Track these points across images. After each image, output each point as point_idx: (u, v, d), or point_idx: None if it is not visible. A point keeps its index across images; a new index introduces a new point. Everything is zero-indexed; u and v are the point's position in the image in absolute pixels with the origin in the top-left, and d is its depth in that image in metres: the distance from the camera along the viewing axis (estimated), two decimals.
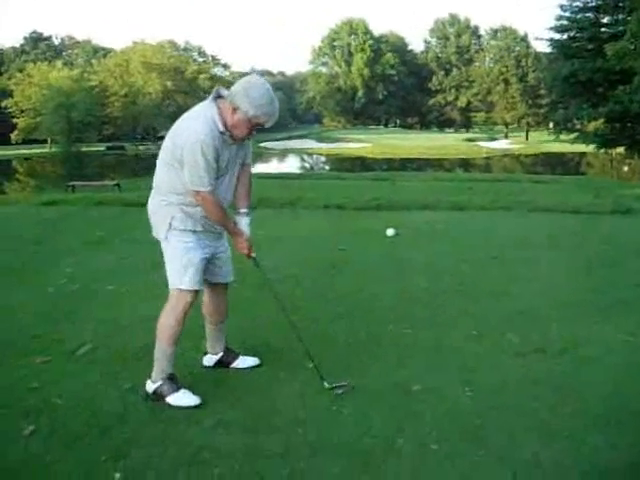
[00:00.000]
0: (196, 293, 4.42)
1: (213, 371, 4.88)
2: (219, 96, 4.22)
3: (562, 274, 7.76)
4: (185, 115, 4.31)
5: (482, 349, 5.31)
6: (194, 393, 4.37)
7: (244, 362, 4.97)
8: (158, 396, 4.36)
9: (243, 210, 4.61)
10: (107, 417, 4.12)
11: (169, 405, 4.28)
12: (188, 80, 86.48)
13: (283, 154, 74.03)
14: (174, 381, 4.42)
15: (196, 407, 4.26)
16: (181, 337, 4.43)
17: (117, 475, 3.47)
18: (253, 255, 4.58)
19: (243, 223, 4.58)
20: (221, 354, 4.95)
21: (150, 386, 4.41)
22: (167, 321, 4.39)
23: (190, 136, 4.04)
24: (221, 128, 4.10)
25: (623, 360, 5.07)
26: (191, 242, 4.35)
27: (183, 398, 4.34)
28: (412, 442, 3.80)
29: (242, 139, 4.29)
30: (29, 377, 4.74)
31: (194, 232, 4.38)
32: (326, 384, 4.45)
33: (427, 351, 5.27)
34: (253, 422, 4.06)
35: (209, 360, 4.98)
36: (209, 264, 4.51)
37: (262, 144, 77.97)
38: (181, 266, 4.33)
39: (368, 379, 4.71)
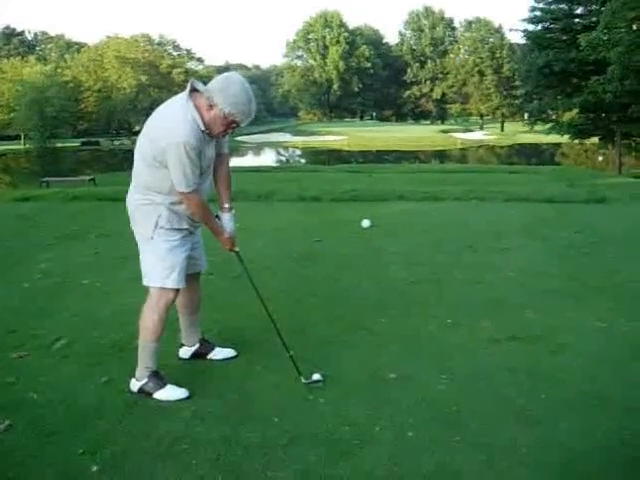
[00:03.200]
0: (178, 290, 4.41)
1: (189, 363, 4.88)
2: (194, 89, 4.18)
3: (537, 262, 7.82)
4: (161, 109, 4.25)
5: (457, 337, 5.34)
6: (179, 386, 4.36)
7: (220, 353, 4.96)
8: (145, 393, 4.33)
9: (226, 205, 4.58)
10: (83, 411, 4.11)
11: (145, 398, 4.27)
12: (162, 74, 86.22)
13: (259, 148, 73.92)
14: (159, 377, 4.40)
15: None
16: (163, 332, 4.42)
17: (94, 468, 3.47)
18: (236, 249, 4.59)
19: (226, 219, 4.55)
20: (197, 346, 4.95)
21: (135, 385, 4.39)
22: (150, 319, 4.35)
23: (173, 138, 3.98)
24: (202, 127, 4.08)
25: (597, 347, 5.12)
26: (176, 241, 4.34)
27: (171, 393, 4.33)
28: (389, 430, 3.83)
29: (217, 136, 4.25)
30: (5, 372, 4.72)
31: (180, 230, 4.36)
32: (303, 379, 4.45)
33: (403, 340, 5.29)
34: (230, 412, 4.06)
35: (185, 352, 4.97)
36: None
37: (238, 138, 77.71)
38: (165, 267, 4.29)
39: (344, 368, 4.73)
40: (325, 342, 5.26)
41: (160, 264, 4.31)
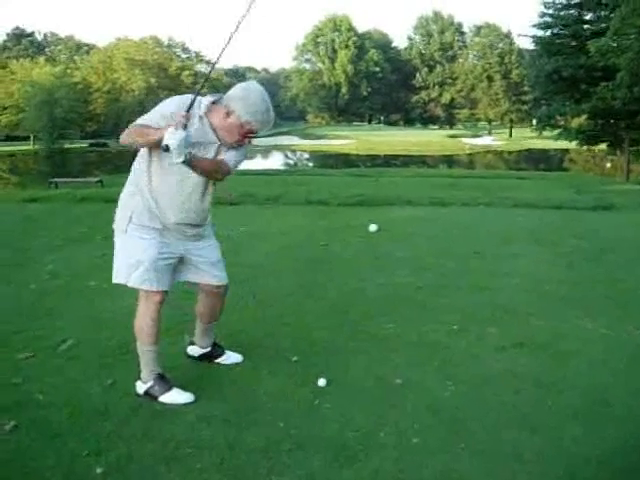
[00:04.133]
0: (164, 293, 4.34)
1: (194, 365, 4.87)
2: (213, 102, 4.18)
3: (543, 269, 7.81)
4: None
5: (463, 343, 5.33)
6: (184, 390, 4.36)
7: (228, 358, 4.95)
8: (150, 397, 4.33)
9: None
10: (89, 412, 4.11)
11: (150, 400, 4.27)
12: (171, 77, 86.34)
13: (267, 151, 73.80)
14: (165, 380, 4.39)
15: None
16: (159, 334, 4.42)
17: (99, 470, 3.47)
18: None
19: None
20: (209, 349, 4.94)
21: (141, 387, 4.39)
22: (143, 322, 4.35)
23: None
24: (203, 110, 4.09)
25: (603, 354, 5.11)
26: (148, 239, 4.24)
27: (176, 397, 4.32)
28: (394, 436, 3.82)
29: (231, 144, 4.19)
30: (11, 373, 4.72)
31: (154, 229, 4.27)
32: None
33: (409, 345, 5.29)
34: (235, 416, 4.06)
35: (195, 351, 4.96)
36: (182, 265, 4.46)
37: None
38: (131, 263, 4.23)
39: (350, 373, 4.72)
40: (331, 347, 5.25)
41: (126, 260, 4.27)
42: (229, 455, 3.61)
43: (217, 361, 4.92)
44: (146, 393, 4.36)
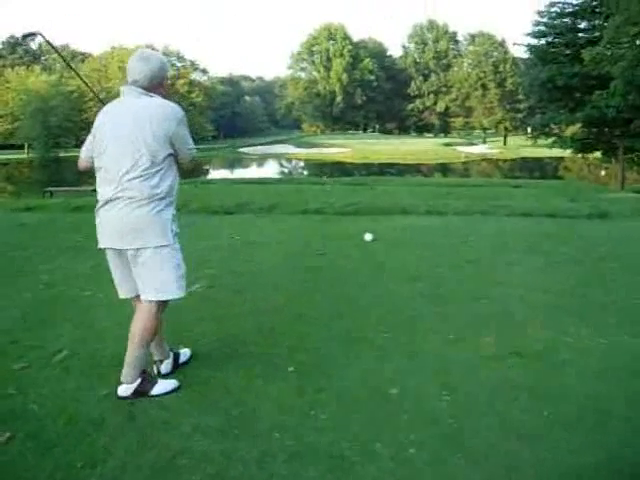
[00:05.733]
0: None
1: (189, 376, 4.85)
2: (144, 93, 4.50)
3: (539, 278, 7.80)
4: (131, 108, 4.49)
5: (459, 353, 5.32)
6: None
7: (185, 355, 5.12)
8: (140, 394, 4.40)
9: None
10: (84, 423, 4.10)
11: (145, 410, 4.27)
12: (166, 85, 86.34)
13: (262, 159, 73.97)
14: (149, 375, 4.54)
15: (174, 410, 4.26)
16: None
17: None
18: None
19: None
20: (172, 354, 4.97)
21: (128, 389, 4.41)
22: (153, 324, 4.45)
23: (179, 110, 4.56)
24: None
25: (598, 363, 5.10)
26: (179, 247, 4.47)
27: (165, 386, 4.48)
28: (390, 446, 3.81)
29: None
30: (6, 383, 4.71)
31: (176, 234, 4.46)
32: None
33: (405, 355, 5.27)
34: (230, 427, 4.04)
35: (167, 366, 4.92)
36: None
37: (241, 149, 77.87)
38: (180, 275, 4.44)
39: (346, 383, 4.71)
40: (326, 357, 5.24)
41: (175, 272, 4.40)
42: (225, 466, 3.60)
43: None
44: (135, 392, 4.41)
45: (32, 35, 6.11)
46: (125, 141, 4.23)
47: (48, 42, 5.86)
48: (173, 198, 4.42)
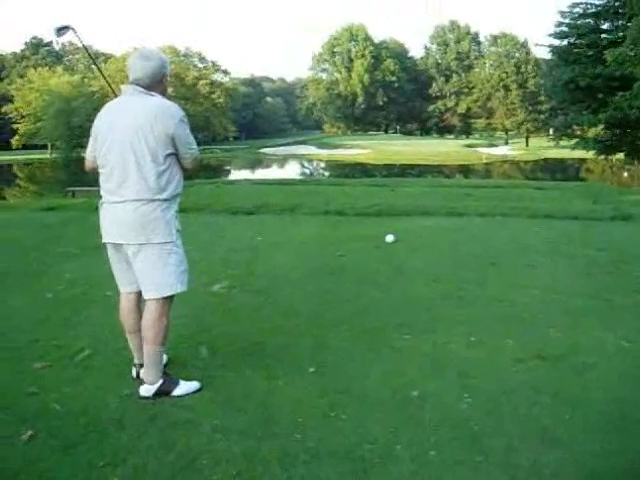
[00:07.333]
0: None
1: (210, 377, 4.85)
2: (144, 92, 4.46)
3: (561, 280, 7.76)
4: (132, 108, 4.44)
5: (481, 355, 5.30)
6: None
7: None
8: (163, 394, 4.44)
9: None
10: (105, 423, 4.12)
11: (166, 411, 4.28)
12: (188, 86, 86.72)
13: (283, 160, 74.00)
14: (170, 375, 4.57)
15: (195, 411, 4.27)
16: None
17: None
18: None
19: None
20: None
21: (151, 389, 4.45)
22: (163, 323, 4.46)
23: (179, 110, 4.63)
24: None
25: (621, 366, 5.07)
26: (181, 244, 4.53)
27: (188, 387, 4.52)
28: (410, 448, 3.80)
29: None
30: (28, 382, 4.74)
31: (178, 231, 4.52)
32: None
33: (426, 357, 5.26)
34: (251, 428, 4.05)
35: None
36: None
37: (262, 150, 78.00)
38: (182, 270, 4.50)
39: (367, 385, 4.71)
40: (347, 358, 5.23)
41: (175, 269, 4.44)
42: (245, 466, 3.60)
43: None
44: (158, 392, 4.44)
45: (65, 29, 6.18)
46: (126, 140, 4.25)
47: (78, 37, 5.95)
48: (176, 196, 4.46)
